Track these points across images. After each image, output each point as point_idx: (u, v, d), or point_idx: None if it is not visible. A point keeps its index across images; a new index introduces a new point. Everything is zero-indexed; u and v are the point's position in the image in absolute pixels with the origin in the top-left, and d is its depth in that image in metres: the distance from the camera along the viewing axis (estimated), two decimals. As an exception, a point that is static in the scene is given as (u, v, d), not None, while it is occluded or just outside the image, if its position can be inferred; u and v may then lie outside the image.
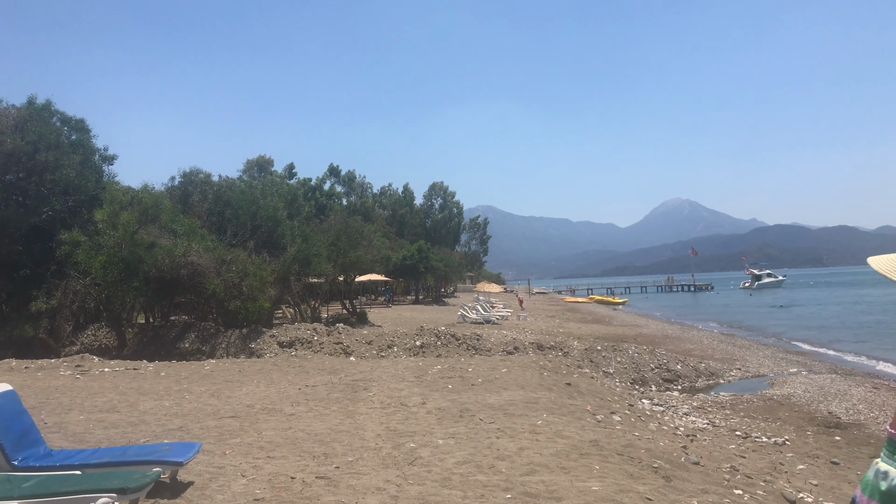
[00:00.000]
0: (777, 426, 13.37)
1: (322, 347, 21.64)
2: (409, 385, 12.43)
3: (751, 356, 25.24)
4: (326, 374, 14.15)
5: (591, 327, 38.64)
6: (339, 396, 11.42)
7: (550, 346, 22.06)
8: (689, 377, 20.29)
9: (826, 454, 10.81)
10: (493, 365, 14.94)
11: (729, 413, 14.67)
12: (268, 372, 14.72)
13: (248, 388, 12.52)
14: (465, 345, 21.59)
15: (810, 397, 16.80)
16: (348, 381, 12.99)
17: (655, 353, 21.63)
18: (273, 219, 25.71)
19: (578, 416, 9.67)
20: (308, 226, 30.92)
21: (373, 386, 12.39)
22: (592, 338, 31.38)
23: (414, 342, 21.64)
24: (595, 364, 20.23)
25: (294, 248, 24.58)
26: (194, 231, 23.63)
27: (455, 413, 9.79)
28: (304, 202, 38.70)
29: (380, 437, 8.43)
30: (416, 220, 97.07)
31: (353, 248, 28.69)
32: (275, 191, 30.33)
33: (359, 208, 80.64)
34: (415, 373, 14.00)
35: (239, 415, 10.11)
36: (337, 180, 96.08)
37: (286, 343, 22.19)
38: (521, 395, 11.31)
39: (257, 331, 22.94)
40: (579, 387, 12.77)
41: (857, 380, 19.88)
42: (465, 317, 37.21)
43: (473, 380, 12.91)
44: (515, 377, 13.18)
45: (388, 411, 10.09)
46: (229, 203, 25.87)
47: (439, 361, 16.04)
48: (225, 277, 22.96)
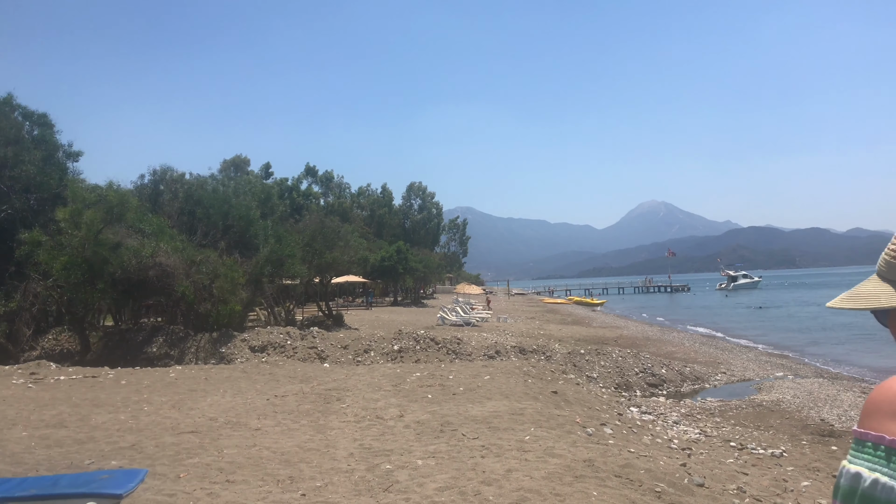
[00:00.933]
0: (770, 435, 12.79)
1: (295, 352, 20.79)
2: (386, 395, 11.66)
3: (735, 359, 24.76)
4: (298, 383, 13.33)
5: (572, 329, 38.08)
6: (311, 408, 10.62)
7: (532, 350, 21.39)
8: (674, 382, 19.71)
9: (826, 467, 10.22)
10: (474, 371, 14.22)
11: (719, 421, 14.09)
12: (236, 380, 13.86)
13: (213, 399, 11.67)
14: (445, 349, 20.86)
15: (800, 403, 16.29)
16: (321, 391, 12.19)
17: (640, 357, 21.05)
18: (245, 218, 24.77)
19: (568, 430, 8.97)
20: (283, 226, 30.00)
21: (347, 396, 11.61)
22: (573, 340, 30.80)
23: (392, 346, 20.87)
24: (578, 368, 19.59)
25: (267, 248, 23.66)
26: (163, 231, 22.64)
27: (435, 427, 9.04)
28: (278, 201, 37.65)
29: (352, 457, 7.66)
30: (394, 220, 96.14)
31: (330, 248, 27.78)
32: (248, 189, 29.33)
33: (336, 209, 79.59)
34: (392, 381, 13.23)
35: (200, 429, 9.28)
36: (314, 180, 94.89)
37: (258, 348, 21.32)
38: (506, 405, 10.59)
39: (228, 335, 22.04)
40: (566, 395, 12.09)
41: (844, 384, 19.44)
42: (444, 319, 36.47)
43: (454, 388, 12.18)
44: (499, 385, 12.47)
45: (362, 425, 9.32)
46: (200, 202, 24.88)
47: (418, 368, 15.28)
48: (195, 279, 22.01)
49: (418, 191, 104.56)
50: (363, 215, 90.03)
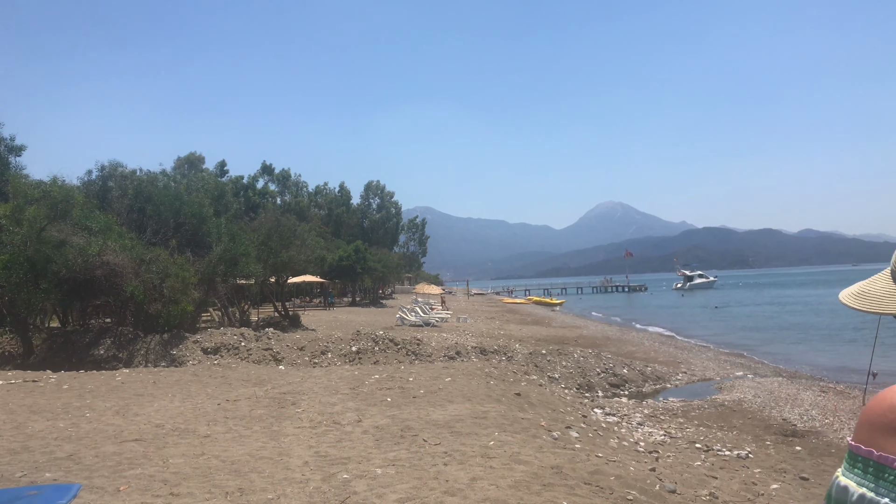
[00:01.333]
0: (734, 435, 12.68)
1: (250, 354, 20.17)
2: (344, 398, 11.20)
3: (694, 359, 24.84)
4: (251, 386, 12.78)
5: (532, 329, 37.97)
6: (264, 413, 10.11)
7: (494, 351, 21.10)
8: (635, 382, 19.61)
9: (792, 468, 10.10)
10: (435, 373, 13.84)
11: (683, 422, 13.95)
12: (186, 383, 13.24)
13: (161, 404, 11.07)
14: (405, 350, 20.43)
15: (762, 402, 16.28)
16: (275, 395, 11.67)
17: (601, 357, 20.91)
18: (198, 216, 23.96)
19: (533, 434, 8.64)
20: (237, 224, 29.17)
21: (302, 400, 11.12)
22: (534, 340, 30.64)
23: (349, 348, 20.37)
24: (540, 369, 19.34)
25: (220, 247, 22.91)
26: (111, 228, 21.76)
27: (395, 433, 8.63)
28: (232, 199, 36.69)
29: (307, 466, 7.20)
30: (353, 220, 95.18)
31: (285, 247, 27.07)
32: (201, 186, 28.43)
33: (293, 207, 78.45)
34: (350, 384, 12.77)
35: (145, 437, 8.72)
36: (270, 178, 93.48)
37: (211, 349, 20.64)
38: (469, 408, 10.23)
39: (179, 336, 21.30)
40: (529, 397, 11.78)
41: (803, 383, 19.58)
42: (403, 319, 36.01)
43: (415, 391, 11.78)
44: (460, 387, 12.11)
45: (318, 431, 8.86)
46: (151, 199, 24.00)
47: (377, 370, 14.84)
48: (144, 278, 21.20)
49: (376, 190, 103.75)
50: (321, 214, 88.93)
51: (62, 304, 21.95)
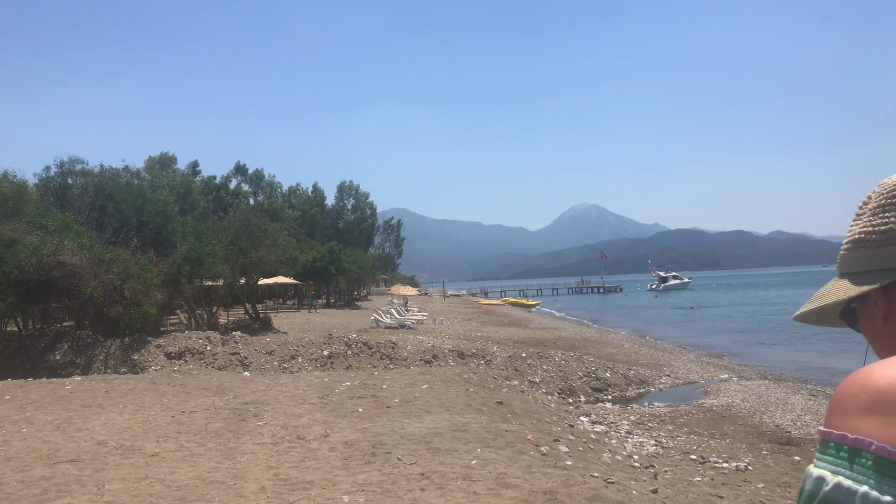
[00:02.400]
0: (728, 444, 11.97)
1: (216, 359, 19.13)
2: (311, 409, 10.27)
3: (677, 361, 24.22)
4: (212, 395, 11.79)
5: (509, 331, 37.24)
6: (222, 427, 9.15)
7: (472, 354, 20.25)
8: (618, 385, 18.89)
9: (795, 481, 9.38)
10: (411, 379, 12.95)
11: (672, 429, 13.22)
12: (140, 393, 12.21)
13: (109, 416, 10.05)
14: (379, 353, 19.51)
15: (751, 407, 15.62)
16: (237, 405, 10.71)
17: (583, 360, 20.17)
18: (162, 214, 22.80)
19: (520, 450, 7.80)
20: (205, 223, 28.02)
21: (266, 411, 10.16)
22: (512, 342, 29.91)
23: (321, 352, 19.40)
24: (520, 373, 18.55)
25: (185, 246, 21.80)
26: (68, 227, 20.56)
27: (366, 450, 7.74)
28: (199, 196, 35.39)
29: (264, 492, 6.29)
30: (327, 220, 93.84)
31: (255, 247, 26.01)
32: (165, 183, 27.21)
33: (267, 208, 77.08)
34: (319, 392, 11.84)
35: (82, 457, 7.73)
36: (244, 179, 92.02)
37: (174, 354, 19.56)
38: (447, 419, 9.36)
39: (142, 340, 20.18)
40: (512, 405, 10.94)
41: (790, 386, 18.99)
42: (378, 321, 35.06)
43: (389, 400, 10.88)
44: (438, 395, 11.23)
45: (280, 448, 7.94)
46: (112, 196, 22.80)
47: (349, 376, 13.91)
48: (103, 279, 20.04)
49: (350, 190, 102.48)
50: (295, 216, 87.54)
51: (15, 306, 20.70)
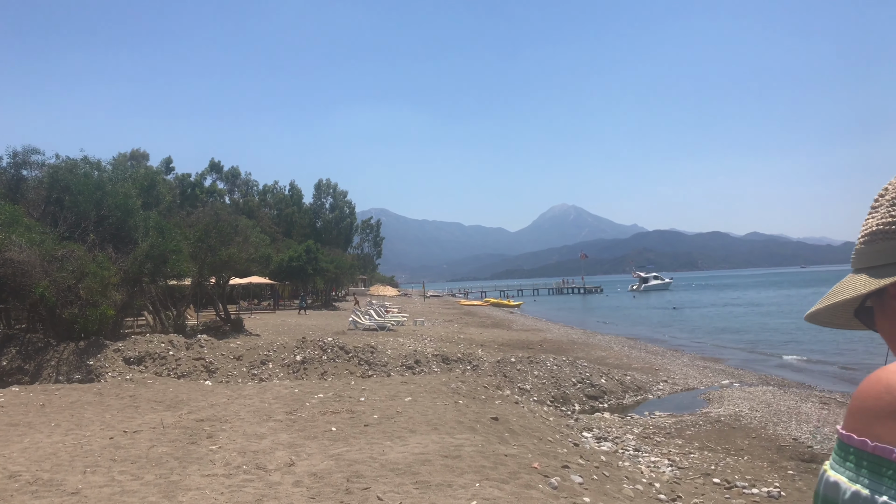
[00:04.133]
0: (747, 462, 10.69)
1: (179, 364, 17.56)
2: (276, 428, 8.81)
3: (672, 365, 23.00)
4: (164, 410, 10.28)
5: (493, 332, 35.93)
6: (167, 452, 7.66)
7: (457, 359, 18.85)
8: (615, 393, 17.61)
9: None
10: (392, 390, 11.52)
11: (682, 444, 11.93)
12: (82, 407, 10.65)
13: (35, 438, 8.51)
14: (357, 359, 18.05)
15: (762, 417, 14.38)
16: (190, 422, 9.21)
17: (576, 365, 18.85)
18: (123, 208, 21.12)
19: (527, 483, 6.41)
20: (171, 218, 26.35)
21: (223, 431, 8.69)
22: (496, 344, 28.63)
23: (294, 357, 17.89)
24: (509, 379, 17.21)
25: (146, 242, 20.17)
26: (17, 221, 18.84)
27: (339, 484, 6.30)
28: (165, 190, 33.55)
29: (204, 551, 4.85)
30: (304, 219, 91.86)
31: (225, 244, 24.39)
32: (128, 175, 25.45)
33: (242, 207, 75.11)
34: (287, 405, 10.37)
35: (-13, 496, 6.23)
36: (219, 176, 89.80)
37: (134, 359, 17.96)
38: (436, 441, 7.96)
39: (98, 344, 18.53)
40: (509, 422, 9.56)
41: (797, 393, 17.81)
42: (356, 323, 33.56)
43: (367, 416, 9.45)
44: (424, 409, 9.82)
45: (233, 482, 6.48)
46: (69, 188, 21.09)
47: (322, 386, 12.44)
48: (56, 278, 18.37)
49: (328, 188, 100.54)
50: (271, 214, 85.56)
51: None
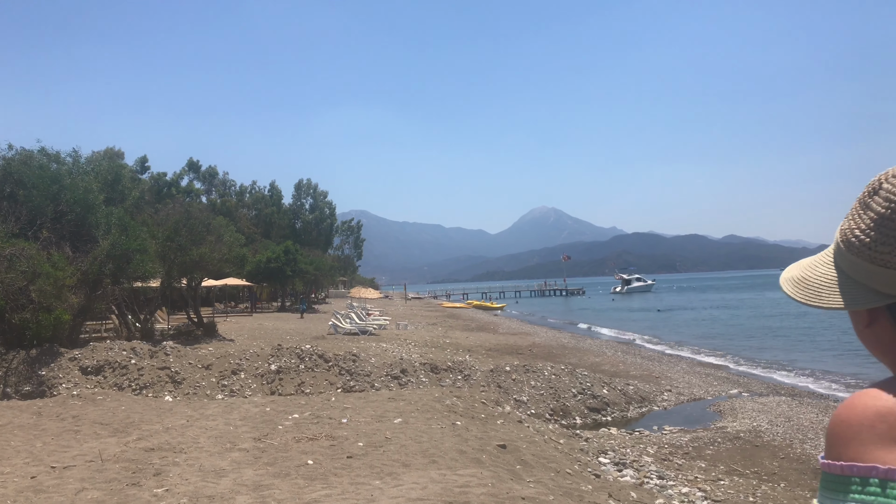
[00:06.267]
0: (786, 490, 9.33)
1: (141, 374, 15.94)
2: (240, 461, 7.27)
3: (671, 372, 21.69)
4: (109, 435, 8.69)
5: (479, 336, 34.50)
6: (99, 499, 6.10)
7: (447, 368, 17.36)
8: (618, 404, 16.24)
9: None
10: (379, 409, 10.01)
11: (706, 467, 10.55)
12: (11, 432, 9.00)
13: (-59, 477, 6.90)
14: (338, 368, 16.51)
15: (785, 434, 13.07)
16: (137, 453, 7.64)
17: (576, 375, 17.43)
18: (83, 203, 19.42)
19: (559, 544, 4.94)
20: (139, 215, 24.62)
21: (174, 465, 7.13)
22: (483, 349, 27.18)
23: (268, 366, 16.32)
24: (504, 390, 15.77)
25: (108, 241, 18.48)
26: (-37, 217, 17.13)
27: (316, 551, 4.80)
28: (131, 184, 31.57)
29: None
30: (284, 220, 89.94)
31: (196, 244, 22.72)
32: (90, 168, 23.64)
33: (219, 207, 73.09)
34: (256, 428, 8.83)
35: None
36: (196, 176, 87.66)
37: (92, 369, 16.32)
38: (436, 479, 6.47)
39: (53, 352, 16.85)
40: (519, 449, 8.10)
41: (814, 404, 16.54)
42: (337, 327, 31.92)
43: (351, 442, 7.94)
44: (417, 434, 8.33)
45: (177, 547, 4.95)
46: (22, 182, 19.36)
47: (298, 403, 10.89)
48: (4, 279, 16.65)
49: (308, 189, 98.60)
50: (250, 215, 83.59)
51: None
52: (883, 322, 1.05)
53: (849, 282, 1.06)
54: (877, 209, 1.02)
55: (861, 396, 0.99)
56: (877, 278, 1.02)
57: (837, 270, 1.09)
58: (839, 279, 1.08)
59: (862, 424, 0.95)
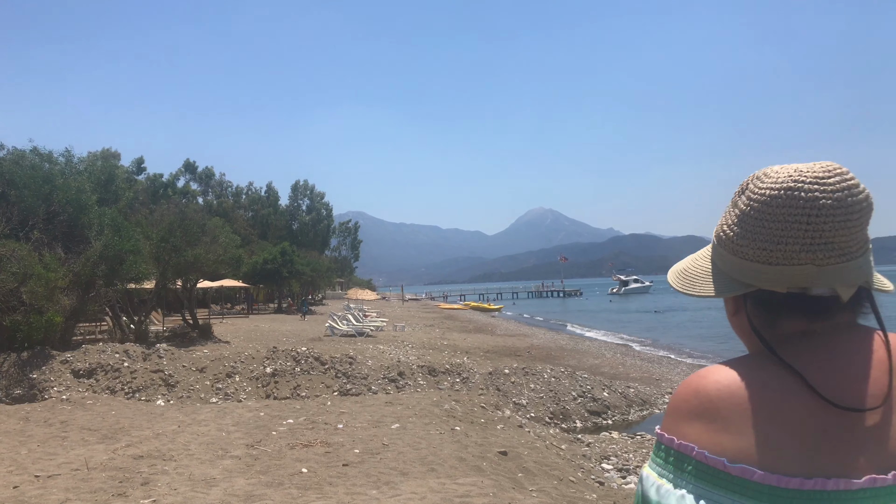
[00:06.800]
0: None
1: (134, 377, 15.65)
2: (232, 469, 7.01)
3: (672, 374, 21.48)
4: (97, 442, 8.43)
5: (476, 338, 34.27)
6: (83, 510, 5.84)
7: (445, 371, 17.10)
8: (619, 407, 16.00)
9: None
10: (376, 413, 9.76)
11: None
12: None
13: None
14: (334, 370, 16.25)
15: (789, 437, 12.85)
16: (125, 461, 7.38)
17: (576, 377, 17.19)
18: (75, 203, 19.14)
19: (565, 559, 4.70)
20: (132, 216, 24.33)
21: (163, 474, 6.87)
22: (482, 351, 26.95)
23: (263, 369, 16.05)
24: (503, 393, 15.51)
25: (100, 242, 18.20)
26: (-48, 217, 16.83)
27: (309, 567, 4.55)
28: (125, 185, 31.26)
29: None
30: (280, 221, 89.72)
31: (191, 245, 22.46)
32: (83, 168, 23.35)
33: (216, 208, 72.78)
34: (249, 434, 8.58)
35: None
36: (192, 177, 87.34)
37: (84, 372, 16.01)
38: (436, 489, 6.23)
39: (44, 355, 16.54)
40: (520, 456, 7.85)
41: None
42: (333, 328, 31.70)
43: (347, 449, 7.69)
44: (415, 440, 8.08)
45: (162, 563, 4.70)
46: (13, 182, 19.06)
47: (293, 407, 10.63)
48: (-6, 281, 16.36)
49: (305, 190, 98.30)
50: (246, 216, 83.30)
51: None
52: (742, 311, 1.15)
53: (719, 273, 1.18)
54: (741, 207, 1.13)
55: (695, 374, 1.08)
56: (738, 269, 1.13)
57: (712, 263, 1.20)
58: (712, 270, 1.19)
59: (681, 399, 1.04)
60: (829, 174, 1.09)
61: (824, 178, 1.08)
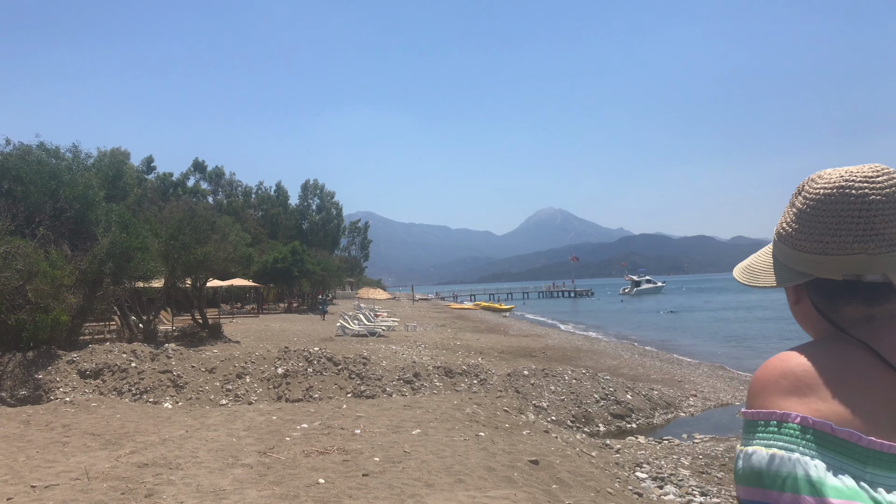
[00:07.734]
0: None
1: (142, 378, 15.24)
2: (243, 479, 6.48)
3: (694, 376, 20.84)
4: (99, 448, 7.92)
5: (490, 338, 33.70)
6: (80, 526, 5.33)
7: (461, 372, 16.54)
8: (643, 410, 15.41)
9: None
10: (395, 417, 9.21)
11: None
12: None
13: None
14: (347, 371, 15.74)
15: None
16: (128, 470, 6.87)
17: (598, 379, 16.60)
18: (83, 200, 18.69)
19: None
20: (141, 213, 23.89)
21: (169, 485, 6.34)
22: (496, 352, 26.40)
23: (274, 369, 15.55)
24: (522, 395, 14.95)
25: (107, 239, 17.75)
26: (-44, 214, 16.42)
27: None
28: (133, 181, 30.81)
29: None
30: (290, 221, 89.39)
31: (201, 243, 21.99)
32: (90, 164, 22.91)
33: (226, 208, 72.49)
34: (262, 439, 8.05)
35: None
36: (202, 176, 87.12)
37: (90, 372, 15.63)
38: (465, 503, 5.68)
39: (50, 355, 16.15)
40: (552, 465, 7.29)
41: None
42: (345, 328, 31.21)
43: (366, 457, 7.15)
44: (439, 447, 7.53)
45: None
46: (20, 178, 18.65)
47: (307, 410, 10.10)
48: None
49: (315, 189, 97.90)
50: (256, 216, 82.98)
51: None
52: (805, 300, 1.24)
53: (779, 266, 1.28)
54: (798, 206, 1.24)
55: (773, 359, 1.14)
56: (796, 260, 1.23)
57: (773, 258, 1.31)
58: (774, 264, 1.29)
59: (769, 380, 1.10)
60: (877, 174, 1.18)
61: (873, 177, 1.18)
